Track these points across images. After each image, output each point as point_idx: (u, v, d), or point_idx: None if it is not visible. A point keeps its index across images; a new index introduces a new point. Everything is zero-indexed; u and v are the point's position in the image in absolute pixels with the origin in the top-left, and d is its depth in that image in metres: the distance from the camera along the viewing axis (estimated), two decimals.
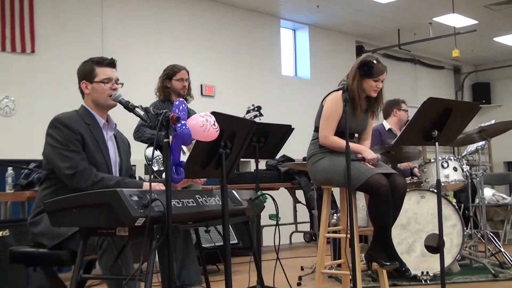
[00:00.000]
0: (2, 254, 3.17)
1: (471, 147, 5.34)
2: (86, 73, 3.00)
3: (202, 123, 2.52)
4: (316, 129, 3.85)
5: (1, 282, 3.15)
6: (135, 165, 5.24)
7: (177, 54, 7.55)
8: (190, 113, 4.75)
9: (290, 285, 3.85)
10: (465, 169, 4.79)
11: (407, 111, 5.42)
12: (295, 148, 5.29)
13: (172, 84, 4.73)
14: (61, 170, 2.80)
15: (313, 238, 7.56)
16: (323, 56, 9.83)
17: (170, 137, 2.44)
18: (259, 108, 4.55)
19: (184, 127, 2.44)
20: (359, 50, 10.59)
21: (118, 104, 2.95)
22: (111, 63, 3.06)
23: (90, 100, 3.01)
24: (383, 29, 10.04)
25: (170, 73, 4.75)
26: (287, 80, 9.40)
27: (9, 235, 3.32)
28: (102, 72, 3.00)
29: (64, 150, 2.81)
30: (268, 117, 4.85)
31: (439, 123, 3.40)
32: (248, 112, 4.53)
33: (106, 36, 7.07)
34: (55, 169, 2.84)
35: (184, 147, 3.65)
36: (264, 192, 3.56)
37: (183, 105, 2.62)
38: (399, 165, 5.24)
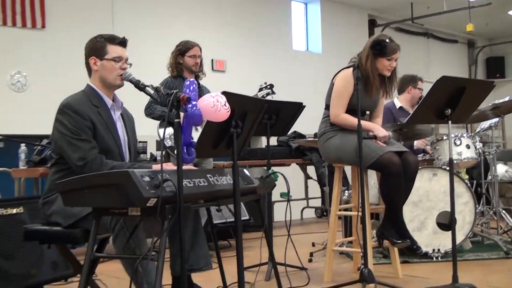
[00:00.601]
0: (16, 231, 3.20)
1: (485, 124, 5.29)
2: (97, 49, 2.96)
3: (213, 104, 2.50)
4: (327, 107, 3.83)
5: (16, 258, 3.19)
6: (146, 142, 5.26)
7: (187, 29, 7.50)
8: (202, 90, 4.75)
9: (301, 262, 3.88)
10: (478, 147, 4.75)
11: (422, 90, 5.35)
12: (307, 123, 5.26)
13: (184, 60, 4.72)
14: (71, 159, 2.80)
15: (324, 213, 7.58)
16: (334, 30, 9.73)
17: (181, 116, 2.44)
18: (271, 86, 4.54)
19: (195, 108, 2.43)
20: (372, 24, 10.45)
21: (125, 83, 2.95)
22: (123, 42, 3.02)
23: (97, 77, 2.98)
24: (396, 2, 9.89)
25: (183, 49, 4.74)
26: (298, 55, 9.32)
27: (23, 212, 3.35)
28: (113, 50, 2.96)
29: (74, 139, 2.79)
30: (279, 92, 4.83)
31: (453, 101, 3.36)
32: (260, 90, 4.52)
33: (116, 11, 7.03)
34: (65, 157, 2.84)
35: None
36: (275, 169, 3.57)
37: (194, 85, 2.59)
38: (415, 142, 5.19)
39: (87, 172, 2.73)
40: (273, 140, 6.53)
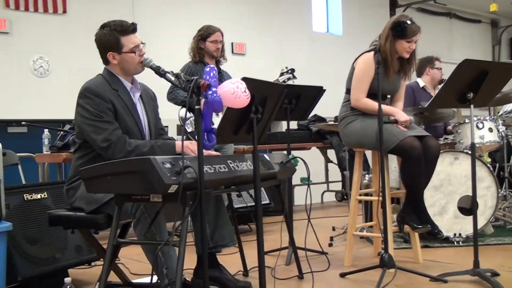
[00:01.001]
0: (41, 216, 3.26)
1: (508, 107, 5.22)
2: (112, 44, 2.94)
3: (233, 90, 2.51)
4: (348, 91, 3.82)
5: (41, 242, 3.26)
6: (167, 126, 5.28)
7: (208, 12, 7.49)
8: (222, 75, 4.76)
9: (321, 247, 3.89)
10: (500, 130, 4.70)
11: (441, 69, 5.29)
12: (327, 106, 5.24)
13: (206, 45, 4.72)
14: (95, 142, 2.83)
15: (345, 197, 7.58)
16: (355, 11, 9.63)
17: (202, 102, 2.45)
18: (292, 70, 4.53)
19: (215, 95, 2.44)
20: (393, 4, 10.31)
21: (143, 72, 2.96)
22: (134, 29, 2.98)
23: (118, 67, 2.98)
24: None
25: (205, 34, 4.73)
26: (319, 36, 9.25)
27: (47, 197, 3.41)
28: (129, 41, 2.94)
29: (97, 121, 2.82)
30: (299, 75, 4.81)
31: (475, 85, 3.32)
32: (281, 74, 4.52)
33: None
34: (88, 140, 2.87)
35: None
36: (295, 153, 3.57)
37: (214, 72, 2.60)
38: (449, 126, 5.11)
39: (111, 153, 2.78)
40: (293, 124, 6.53)
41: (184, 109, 4.66)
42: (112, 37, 2.93)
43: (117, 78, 3.00)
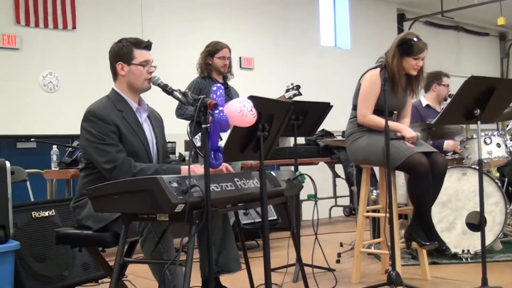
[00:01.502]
0: (49, 233, 3.28)
1: None
2: (123, 54, 2.98)
3: (239, 109, 2.52)
4: (354, 108, 3.82)
5: (48, 260, 3.27)
6: (175, 142, 5.31)
7: (216, 27, 7.54)
8: (230, 91, 4.78)
9: (328, 264, 3.88)
10: (508, 145, 4.67)
11: (448, 86, 5.28)
12: (335, 121, 5.24)
13: (213, 62, 4.75)
14: (99, 164, 2.85)
15: (353, 212, 7.56)
16: (363, 25, 9.65)
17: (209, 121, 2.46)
18: (298, 87, 4.55)
19: (221, 114, 2.45)
20: (401, 18, 10.36)
21: (151, 87, 2.98)
22: (148, 46, 3.04)
23: (125, 82, 3.01)
24: None
25: (212, 50, 4.76)
26: (327, 50, 9.28)
27: (55, 215, 3.43)
28: (141, 55, 2.98)
29: (101, 144, 2.84)
30: (308, 89, 4.82)
31: (482, 101, 3.32)
32: (287, 91, 4.54)
33: (145, 11, 7.10)
34: (93, 162, 2.89)
35: None
36: (302, 168, 3.57)
37: (221, 91, 2.62)
38: (445, 144, 5.12)
39: (116, 175, 2.78)
40: (301, 139, 6.53)
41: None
42: (125, 48, 2.98)
43: (123, 98, 3.01)
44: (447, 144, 5.13)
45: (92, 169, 2.93)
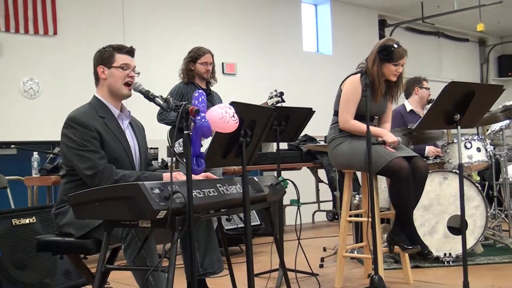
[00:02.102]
0: (30, 240, 3.25)
1: (495, 126, 5.26)
2: (104, 58, 3.00)
3: (221, 115, 2.53)
4: (336, 113, 3.84)
5: (29, 268, 3.24)
6: (157, 148, 5.30)
7: (198, 34, 7.54)
8: (213, 96, 4.78)
9: (311, 268, 3.89)
10: (488, 149, 4.73)
11: (429, 89, 5.35)
12: (318, 126, 5.26)
13: (196, 67, 4.75)
14: (80, 170, 2.83)
15: (336, 217, 7.58)
16: (345, 31, 9.72)
17: (191, 127, 2.46)
18: (281, 94, 4.56)
19: (203, 120, 2.46)
20: (382, 24, 10.43)
21: (134, 92, 2.97)
22: (130, 51, 3.06)
23: (105, 86, 3.00)
24: (406, 2, 9.86)
25: (195, 56, 4.76)
26: (309, 56, 9.32)
27: (36, 222, 3.40)
28: (121, 59, 3.00)
29: (82, 150, 2.82)
30: (290, 95, 4.82)
31: (461, 106, 3.35)
32: (270, 98, 4.56)
33: (127, 17, 7.07)
34: (74, 168, 2.87)
35: None
36: (286, 173, 3.58)
37: (203, 97, 2.62)
38: (426, 150, 5.17)
39: (97, 182, 2.77)
40: (284, 144, 6.55)
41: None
42: (107, 52, 3.01)
43: (105, 105, 3.00)
44: (429, 149, 5.19)
45: (74, 175, 2.91)
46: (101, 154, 2.85)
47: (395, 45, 3.63)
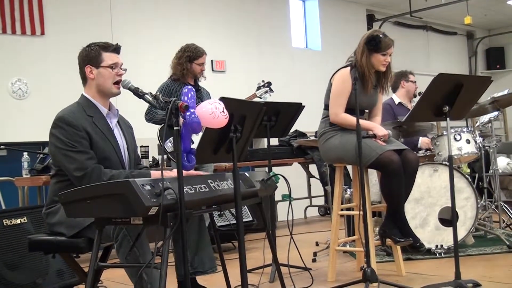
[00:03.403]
0: (21, 241, 3.24)
1: (484, 118, 5.30)
2: (91, 57, 2.96)
3: (211, 111, 2.52)
4: (326, 107, 3.85)
5: (21, 268, 3.23)
6: (148, 146, 5.28)
7: (186, 30, 7.53)
8: (201, 92, 4.77)
9: (304, 263, 3.90)
10: (478, 141, 4.76)
11: (415, 82, 5.37)
12: (308, 121, 5.27)
13: (191, 67, 4.72)
14: (69, 171, 2.81)
15: (328, 212, 7.60)
16: (333, 26, 9.73)
17: (181, 122, 2.46)
18: (269, 84, 4.55)
19: (193, 116, 2.46)
20: (370, 19, 10.45)
21: (123, 90, 2.96)
22: (117, 49, 3.03)
23: (93, 86, 2.98)
24: None
25: (193, 56, 4.71)
26: (298, 52, 9.32)
27: (27, 222, 3.38)
28: (109, 58, 2.97)
29: (70, 151, 2.80)
30: (280, 90, 4.82)
31: (450, 98, 3.38)
32: (258, 88, 4.53)
33: (114, 16, 7.04)
34: (63, 168, 2.86)
35: None
36: (277, 169, 3.59)
37: (192, 93, 2.62)
38: (420, 141, 5.19)
39: (85, 183, 2.72)
40: (274, 140, 6.55)
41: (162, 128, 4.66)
42: (94, 51, 2.97)
43: (93, 103, 2.99)
44: (422, 141, 5.20)
45: (63, 175, 2.89)
46: (89, 155, 2.83)
47: (382, 36, 3.66)
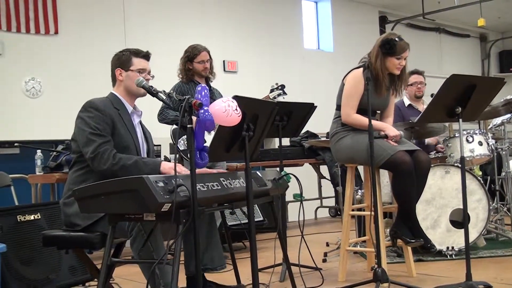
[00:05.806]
0: (35, 237, 3.27)
1: (497, 120, 5.27)
2: (122, 61, 3.13)
3: (224, 109, 2.54)
4: (338, 108, 3.86)
5: (34, 263, 3.26)
6: (160, 145, 5.31)
7: (198, 31, 7.55)
8: (213, 92, 4.79)
9: (315, 262, 3.90)
10: (490, 143, 4.74)
11: (415, 83, 5.33)
12: (319, 122, 5.27)
13: (193, 66, 4.76)
14: (85, 153, 2.91)
15: (338, 213, 7.60)
16: (345, 28, 9.72)
17: (194, 120, 2.48)
18: (283, 86, 4.56)
19: (207, 113, 2.47)
20: (382, 20, 10.43)
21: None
22: (147, 56, 3.20)
23: (122, 87, 3.14)
24: None
25: (191, 55, 4.77)
26: (310, 53, 9.32)
27: (41, 218, 3.42)
28: (139, 63, 3.14)
29: (92, 133, 2.90)
30: (291, 92, 4.82)
31: (463, 99, 3.37)
32: (272, 91, 4.55)
33: (127, 15, 7.08)
34: (82, 150, 2.94)
35: None
36: (288, 169, 3.59)
37: (206, 91, 2.63)
38: (426, 140, 5.20)
39: (96, 164, 2.85)
40: (286, 141, 6.55)
41: (176, 127, 4.68)
42: (125, 56, 3.15)
43: (120, 100, 3.12)
44: (428, 139, 5.21)
45: (82, 162, 2.98)
46: (107, 139, 2.92)
47: (397, 39, 3.65)
